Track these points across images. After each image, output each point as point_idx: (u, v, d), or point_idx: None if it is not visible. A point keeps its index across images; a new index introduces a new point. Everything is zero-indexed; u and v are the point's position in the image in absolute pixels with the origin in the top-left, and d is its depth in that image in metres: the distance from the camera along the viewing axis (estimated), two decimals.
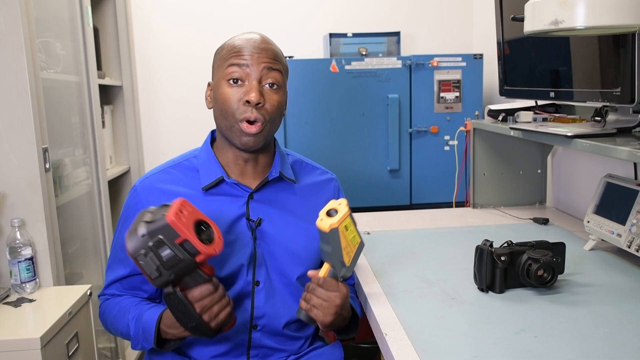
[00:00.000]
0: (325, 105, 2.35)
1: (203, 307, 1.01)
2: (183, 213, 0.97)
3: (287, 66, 1.22)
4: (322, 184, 1.32)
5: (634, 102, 1.22)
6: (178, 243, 0.95)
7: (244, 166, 1.22)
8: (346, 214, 1.08)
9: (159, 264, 0.96)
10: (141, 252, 0.95)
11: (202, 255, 0.97)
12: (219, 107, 1.16)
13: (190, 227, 0.97)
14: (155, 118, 2.78)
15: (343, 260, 1.08)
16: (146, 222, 0.96)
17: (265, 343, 1.22)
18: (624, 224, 1.36)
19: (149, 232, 0.95)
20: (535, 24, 1.08)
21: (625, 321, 1.07)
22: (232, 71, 1.13)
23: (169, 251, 0.95)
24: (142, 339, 1.12)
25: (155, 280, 0.98)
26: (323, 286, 1.09)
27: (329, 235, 1.05)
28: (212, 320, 1.03)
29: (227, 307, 1.05)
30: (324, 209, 1.08)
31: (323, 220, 1.06)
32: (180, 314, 1.02)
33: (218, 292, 1.03)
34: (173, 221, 0.94)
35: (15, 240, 1.49)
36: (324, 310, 1.08)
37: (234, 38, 1.18)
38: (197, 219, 1.00)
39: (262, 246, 1.20)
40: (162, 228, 0.95)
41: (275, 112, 1.16)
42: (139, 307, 1.17)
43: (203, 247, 0.97)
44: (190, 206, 1.00)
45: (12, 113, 1.50)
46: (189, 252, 0.96)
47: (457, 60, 2.38)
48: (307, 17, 2.78)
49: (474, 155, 2.02)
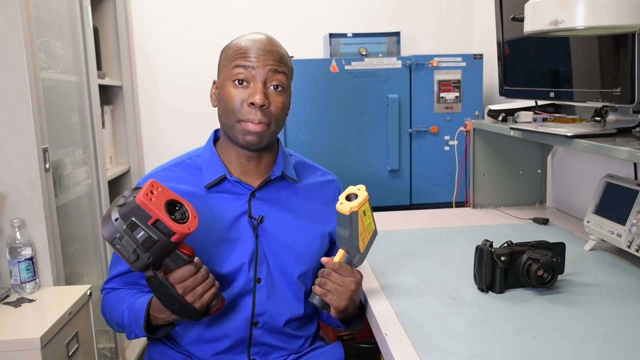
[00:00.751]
0: (325, 106, 2.35)
1: (185, 287, 1.01)
2: (153, 194, 0.96)
3: (292, 67, 1.23)
4: (323, 185, 1.33)
5: (634, 102, 1.22)
6: (151, 224, 0.95)
7: (247, 165, 1.23)
8: (365, 198, 1.10)
9: (135, 247, 0.95)
10: (116, 236, 0.95)
11: (177, 234, 0.96)
12: (223, 106, 1.17)
13: (161, 206, 0.96)
14: (155, 118, 2.78)
15: (358, 246, 1.10)
16: (118, 206, 0.96)
17: (266, 340, 1.22)
18: (624, 224, 1.36)
19: (121, 215, 0.95)
20: (535, 24, 1.08)
21: (625, 321, 1.07)
22: (237, 72, 1.14)
23: (143, 232, 0.95)
24: (135, 326, 1.13)
25: (134, 264, 0.97)
26: (338, 271, 1.10)
27: (348, 218, 1.06)
28: (196, 301, 1.03)
29: (212, 287, 1.05)
30: (343, 194, 1.10)
31: (343, 203, 1.07)
32: (164, 297, 1.02)
33: (200, 272, 1.03)
34: (142, 202, 0.94)
35: (15, 240, 1.49)
36: (339, 295, 1.09)
37: (240, 38, 1.18)
38: (168, 198, 0.99)
39: (264, 244, 1.20)
40: (133, 209, 0.94)
41: (279, 114, 1.17)
42: (133, 297, 1.18)
43: (176, 225, 0.96)
44: (161, 186, 0.99)
45: (12, 113, 1.50)
46: (163, 232, 0.95)
47: (457, 61, 2.38)
48: (307, 17, 2.78)
49: (474, 155, 2.02)
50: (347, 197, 1.09)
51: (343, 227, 1.09)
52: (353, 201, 1.08)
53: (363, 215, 1.10)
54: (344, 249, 1.12)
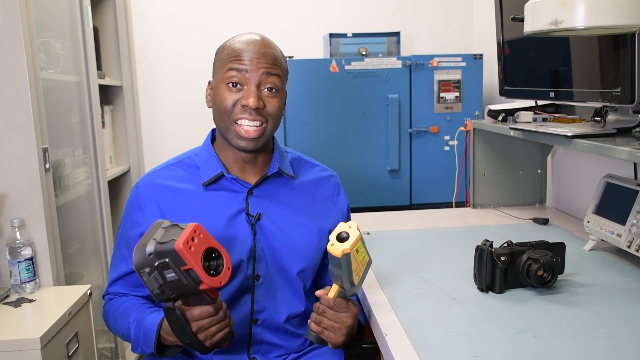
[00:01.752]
0: (325, 106, 2.35)
1: (200, 327, 1.02)
2: (194, 241, 0.95)
3: (287, 68, 1.23)
4: (321, 180, 1.33)
5: (634, 102, 1.22)
6: (184, 270, 0.95)
7: (244, 164, 1.24)
8: (357, 238, 1.05)
9: (162, 283, 0.96)
10: (146, 269, 0.96)
11: (206, 285, 0.97)
12: (217, 108, 1.18)
13: (199, 256, 0.96)
14: (155, 118, 2.78)
15: (353, 281, 1.07)
16: (156, 241, 0.96)
17: (266, 338, 1.23)
18: (624, 224, 1.36)
19: (156, 252, 0.95)
20: (535, 24, 1.08)
21: (625, 321, 1.07)
22: (231, 75, 1.14)
23: (174, 275, 0.95)
24: (143, 343, 1.13)
25: (157, 296, 0.98)
26: (334, 308, 1.09)
27: (340, 260, 1.03)
28: (207, 339, 1.04)
29: (227, 328, 1.06)
30: (334, 233, 1.06)
31: (334, 245, 1.04)
32: (177, 329, 1.03)
33: (218, 315, 1.04)
34: (181, 250, 0.93)
35: (15, 240, 1.49)
36: (336, 331, 1.09)
37: (234, 40, 1.18)
38: (208, 246, 0.99)
39: (262, 241, 1.21)
40: (170, 252, 0.94)
41: (274, 115, 1.17)
42: (140, 310, 1.17)
43: (208, 278, 0.96)
44: (204, 232, 0.99)
45: (12, 113, 1.50)
46: (193, 279, 0.96)
47: (457, 61, 2.38)
48: (307, 17, 2.78)
49: (474, 156, 2.02)
50: (338, 235, 1.05)
51: (336, 267, 1.06)
52: (345, 242, 1.04)
53: (356, 253, 1.06)
54: (338, 285, 1.09)
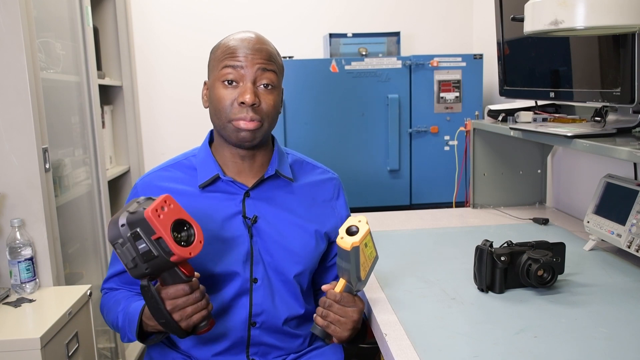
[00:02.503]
0: (325, 106, 2.35)
1: (175, 306, 1.01)
2: (164, 210, 0.96)
3: (283, 65, 1.22)
4: (321, 183, 1.32)
5: (634, 102, 1.22)
6: (154, 239, 0.95)
7: (241, 164, 1.23)
8: (367, 232, 1.06)
9: (135, 256, 0.96)
10: (119, 241, 0.96)
11: (177, 256, 0.96)
12: (214, 107, 1.17)
13: (168, 225, 0.96)
14: (155, 118, 2.78)
15: (360, 276, 1.07)
16: (128, 212, 0.97)
17: (265, 340, 1.22)
18: (624, 224, 1.36)
19: (128, 222, 0.95)
20: (535, 24, 1.08)
21: (625, 321, 1.07)
22: (226, 72, 1.14)
23: (145, 245, 0.95)
24: (128, 330, 1.14)
25: (131, 271, 0.98)
26: (340, 302, 1.08)
27: (350, 253, 1.03)
28: (182, 320, 1.03)
29: (203, 310, 1.05)
30: (344, 226, 1.06)
31: (344, 238, 1.04)
32: (153, 309, 1.02)
33: (194, 294, 1.03)
34: (150, 217, 0.94)
35: (15, 240, 1.49)
36: (342, 326, 1.09)
37: (228, 38, 1.18)
38: (178, 217, 0.99)
39: (259, 243, 1.20)
40: (140, 221, 0.95)
41: (271, 112, 1.17)
42: (129, 300, 1.19)
43: (177, 248, 0.96)
44: (174, 203, 0.99)
45: (12, 113, 1.50)
46: (163, 250, 0.96)
47: (457, 61, 2.38)
48: (307, 17, 2.78)
49: (474, 156, 2.02)
50: (348, 229, 1.06)
51: (344, 261, 1.06)
52: (354, 236, 1.04)
53: (364, 247, 1.06)
54: (345, 279, 1.09)
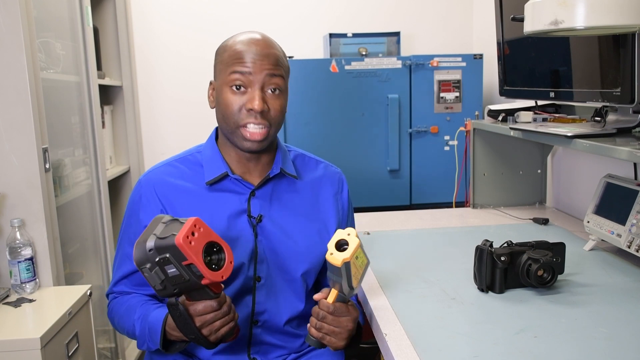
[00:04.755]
0: (325, 106, 2.35)
1: (203, 322, 1.02)
2: (194, 236, 0.94)
3: (289, 66, 1.22)
4: (325, 178, 1.32)
5: (634, 102, 1.22)
6: (185, 264, 0.94)
7: (247, 164, 1.23)
8: (357, 245, 1.04)
9: (163, 279, 0.95)
10: (147, 265, 0.95)
11: (207, 279, 0.96)
12: (222, 112, 1.17)
13: (199, 251, 0.94)
14: (155, 118, 2.78)
15: (352, 285, 1.06)
16: (157, 237, 0.94)
17: (266, 339, 1.22)
18: (624, 224, 1.35)
19: (156, 247, 0.94)
20: (535, 24, 1.08)
21: (625, 321, 1.07)
22: (234, 78, 1.14)
23: (175, 270, 0.94)
24: (148, 340, 1.13)
25: (160, 292, 0.97)
26: (334, 313, 1.08)
27: (340, 269, 1.02)
28: (211, 334, 1.03)
29: (231, 322, 1.05)
30: (332, 241, 1.04)
31: (334, 254, 1.02)
32: (181, 325, 1.02)
33: (222, 309, 1.03)
34: (181, 245, 0.92)
35: (15, 240, 1.49)
36: (337, 336, 1.09)
37: (235, 39, 1.17)
38: (208, 240, 0.97)
39: (264, 242, 1.20)
40: (170, 247, 0.93)
41: (278, 116, 1.17)
42: (145, 307, 1.17)
43: (210, 273, 0.95)
44: (204, 226, 0.97)
45: (12, 113, 1.50)
46: (194, 274, 0.95)
47: (457, 61, 2.38)
48: (307, 17, 2.78)
49: (474, 156, 2.02)
50: (337, 244, 1.04)
51: (335, 274, 1.05)
52: (344, 252, 1.02)
53: (355, 259, 1.04)
54: (336, 289, 1.08)
